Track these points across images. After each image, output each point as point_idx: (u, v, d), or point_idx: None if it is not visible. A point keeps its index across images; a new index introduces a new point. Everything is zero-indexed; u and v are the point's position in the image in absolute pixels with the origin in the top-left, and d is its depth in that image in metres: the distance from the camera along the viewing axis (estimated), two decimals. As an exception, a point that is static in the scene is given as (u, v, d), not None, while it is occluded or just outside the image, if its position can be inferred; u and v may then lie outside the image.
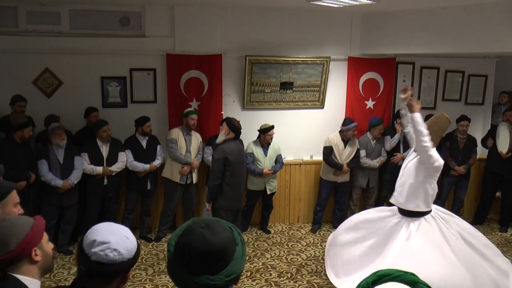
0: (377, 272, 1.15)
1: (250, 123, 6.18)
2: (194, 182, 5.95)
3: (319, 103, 6.61)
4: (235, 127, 4.80)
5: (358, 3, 5.07)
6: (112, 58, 5.94)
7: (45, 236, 1.92)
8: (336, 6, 5.35)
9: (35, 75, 5.79)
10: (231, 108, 6.31)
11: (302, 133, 6.58)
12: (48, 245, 1.92)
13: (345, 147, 6.20)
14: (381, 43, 6.32)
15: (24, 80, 5.73)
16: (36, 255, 1.84)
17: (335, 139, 6.20)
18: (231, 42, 6.15)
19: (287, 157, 6.55)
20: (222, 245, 1.35)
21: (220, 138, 4.84)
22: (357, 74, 6.58)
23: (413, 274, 1.13)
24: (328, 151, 6.20)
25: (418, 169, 4.19)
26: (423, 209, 4.25)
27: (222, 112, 6.24)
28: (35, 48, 5.66)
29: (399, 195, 4.34)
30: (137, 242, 1.74)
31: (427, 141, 3.98)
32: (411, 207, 4.26)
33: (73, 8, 5.75)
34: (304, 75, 6.38)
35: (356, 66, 6.54)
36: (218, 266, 1.35)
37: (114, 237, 1.65)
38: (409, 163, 4.32)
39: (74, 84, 5.90)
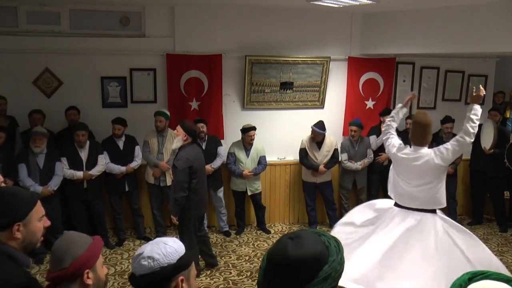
0: (471, 271, 1.20)
1: (250, 123, 6.17)
2: (168, 184, 5.76)
3: (319, 103, 6.61)
4: (192, 130, 4.54)
5: (358, 3, 5.07)
6: (112, 58, 5.94)
7: (100, 259, 1.83)
8: (336, 6, 5.35)
9: (35, 75, 5.79)
10: (231, 108, 6.31)
11: (302, 133, 6.55)
12: (102, 270, 1.83)
13: (319, 148, 6.18)
14: (381, 43, 6.32)
15: (24, 80, 5.74)
16: (88, 277, 1.75)
17: (308, 141, 6.19)
18: (231, 42, 6.15)
19: (287, 157, 6.55)
20: (303, 259, 1.24)
21: (177, 144, 4.52)
22: (357, 74, 6.58)
23: (505, 275, 1.17)
24: (302, 153, 6.20)
25: (442, 170, 4.01)
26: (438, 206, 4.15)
27: (222, 112, 6.24)
28: (35, 48, 5.66)
29: (425, 197, 4.07)
30: (183, 247, 1.67)
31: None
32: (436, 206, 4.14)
33: (73, 8, 5.75)
34: (304, 75, 6.38)
35: (356, 66, 6.54)
36: (297, 279, 1.24)
37: (150, 247, 1.62)
38: (420, 164, 4.09)
39: (74, 84, 5.90)
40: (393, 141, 4.21)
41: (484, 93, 3.97)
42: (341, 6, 5.35)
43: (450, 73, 6.99)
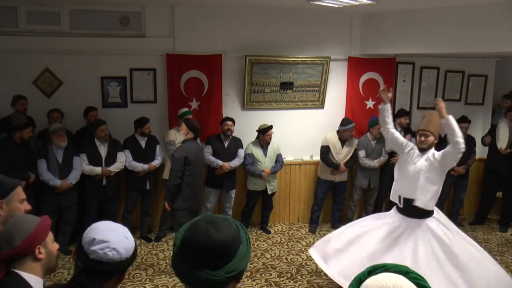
0: (373, 265, 1.23)
1: (250, 123, 6.18)
2: None
3: (319, 103, 6.61)
4: (194, 127, 4.83)
5: (358, 3, 5.07)
6: (112, 58, 5.94)
7: (50, 236, 1.93)
8: (336, 6, 5.35)
9: (35, 75, 5.79)
10: (231, 108, 6.31)
11: (302, 133, 6.57)
12: (52, 245, 1.93)
13: (342, 146, 6.19)
14: (381, 43, 6.32)
15: (24, 80, 5.74)
16: (40, 253, 1.85)
17: (332, 139, 6.20)
18: (231, 42, 6.15)
19: (287, 157, 6.55)
20: (224, 241, 1.36)
21: (180, 138, 4.86)
22: (357, 74, 6.58)
23: (405, 266, 1.20)
24: (325, 150, 6.20)
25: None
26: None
27: (222, 112, 6.24)
28: (35, 48, 5.66)
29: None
30: (135, 242, 1.75)
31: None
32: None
33: (73, 8, 5.75)
34: (304, 75, 6.38)
35: (356, 66, 6.54)
36: (220, 262, 1.36)
37: (113, 236, 1.66)
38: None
39: (74, 84, 5.90)
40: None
41: (390, 94, 4.24)
42: (341, 6, 5.35)
43: (450, 73, 6.98)
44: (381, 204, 6.55)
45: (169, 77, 6.03)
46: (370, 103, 6.69)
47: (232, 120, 5.95)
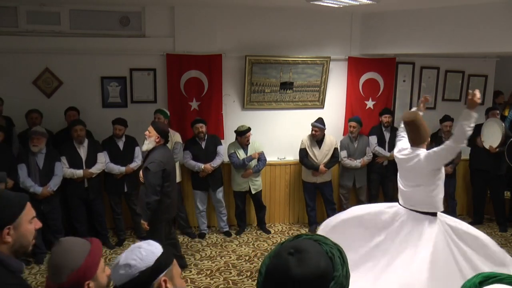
0: (482, 273, 1.13)
1: (250, 123, 6.17)
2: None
3: (319, 103, 6.61)
4: (164, 131, 4.42)
5: (358, 3, 5.07)
6: (112, 58, 5.94)
7: (101, 264, 1.73)
8: (336, 6, 5.35)
9: (35, 75, 5.79)
10: (231, 108, 6.31)
11: (302, 133, 6.56)
12: (103, 275, 1.72)
13: (319, 147, 6.18)
14: (381, 43, 6.32)
15: (24, 80, 5.74)
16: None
17: (308, 141, 6.20)
18: (231, 42, 6.15)
19: (287, 157, 6.55)
20: (308, 275, 1.15)
21: (149, 145, 4.36)
22: (357, 74, 6.58)
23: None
24: (302, 153, 6.20)
25: (433, 174, 3.93)
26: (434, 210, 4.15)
27: (222, 112, 6.24)
28: (35, 48, 5.66)
29: (421, 202, 4.04)
30: (163, 248, 1.62)
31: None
32: (425, 208, 4.04)
33: (73, 8, 5.75)
34: (304, 75, 6.38)
35: (356, 66, 6.55)
36: None
37: (124, 254, 1.58)
38: (412, 165, 4.13)
39: (74, 84, 5.90)
40: (399, 143, 4.20)
41: (479, 98, 3.72)
42: (341, 6, 5.35)
43: (450, 73, 6.99)
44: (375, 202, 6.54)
45: (169, 77, 6.03)
46: (370, 103, 6.69)
47: (203, 121, 5.88)
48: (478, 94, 3.67)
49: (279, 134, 6.42)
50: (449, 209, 6.63)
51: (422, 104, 4.37)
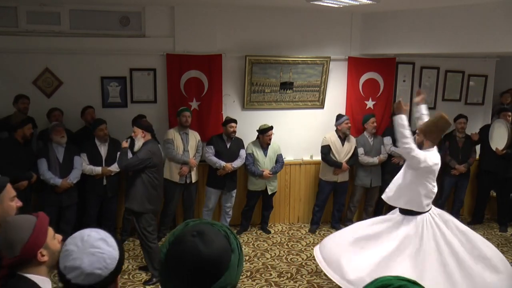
0: (377, 279, 1.12)
1: (250, 123, 6.18)
2: (194, 181, 5.93)
3: (319, 103, 6.61)
4: (148, 126, 4.72)
5: (358, 3, 5.07)
6: (112, 58, 5.94)
7: (50, 232, 1.89)
8: (336, 6, 5.36)
9: (35, 75, 5.79)
10: (231, 108, 6.31)
11: (302, 133, 6.58)
12: (54, 242, 1.89)
13: (342, 144, 6.19)
14: (381, 43, 6.32)
15: (24, 80, 5.74)
16: (42, 255, 1.82)
17: (332, 137, 6.20)
18: (231, 42, 6.15)
19: (287, 157, 6.55)
20: (215, 256, 1.24)
21: (139, 143, 4.66)
22: (357, 74, 6.58)
23: (415, 283, 1.09)
24: (325, 150, 6.19)
25: (405, 170, 4.24)
26: (414, 208, 4.22)
27: (222, 112, 6.24)
28: (35, 48, 5.66)
29: (390, 191, 4.38)
30: (120, 250, 1.60)
31: (408, 142, 3.99)
32: (400, 204, 4.29)
33: (73, 8, 5.75)
34: (304, 75, 6.38)
35: (356, 66, 6.54)
36: (211, 278, 1.23)
37: (86, 259, 1.52)
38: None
39: (74, 84, 5.90)
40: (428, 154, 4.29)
41: (405, 106, 4.17)
42: (341, 6, 5.35)
43: (450, 73, 6.99)
44: (382, 205, 6.53)
45: (169, 77, 6.03)
46: (370, 103, 6.69)
47: (235, 121, 5.94)
48: (403, 103, 4.20)
49: (279, 135, 6.41)
50: (453, 210, 6.63)
51: (419, 98, 4.49)
